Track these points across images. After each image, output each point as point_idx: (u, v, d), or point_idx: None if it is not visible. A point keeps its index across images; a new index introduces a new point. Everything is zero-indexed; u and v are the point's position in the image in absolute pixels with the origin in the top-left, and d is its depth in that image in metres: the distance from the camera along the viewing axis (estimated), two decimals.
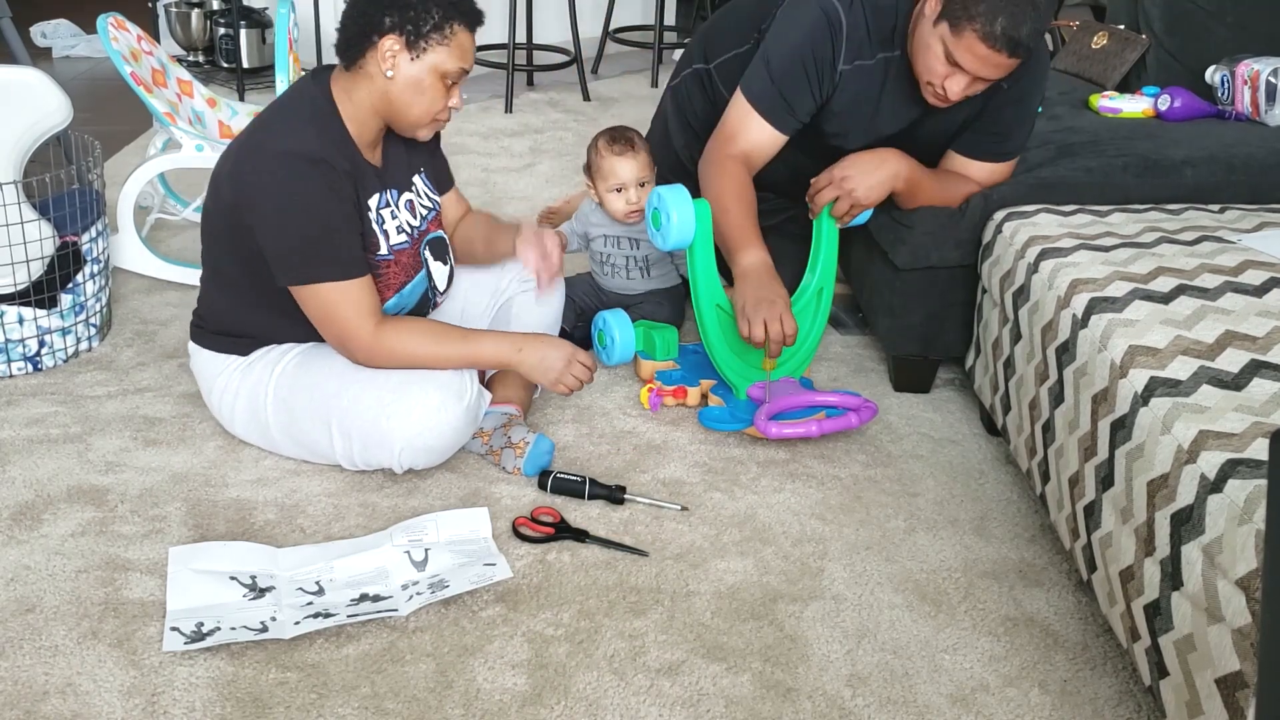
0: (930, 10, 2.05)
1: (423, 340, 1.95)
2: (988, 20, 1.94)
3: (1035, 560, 1.91)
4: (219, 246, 1.99)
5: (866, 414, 2.17)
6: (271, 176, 1.84)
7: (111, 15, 2.76)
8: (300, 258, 1.87)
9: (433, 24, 1.88)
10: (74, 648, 1.62)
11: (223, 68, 4.74)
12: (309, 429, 1.99)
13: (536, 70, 4.77)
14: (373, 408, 1.92)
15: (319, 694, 1.56)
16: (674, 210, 2.14)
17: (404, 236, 2.03)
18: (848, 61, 2.18)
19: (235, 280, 1.99)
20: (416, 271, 2.06)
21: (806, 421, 2.13)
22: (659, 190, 2.17)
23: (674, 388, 2.30)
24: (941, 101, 2.11)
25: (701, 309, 2.22)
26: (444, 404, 1.93)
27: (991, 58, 1.97)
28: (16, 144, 2.30)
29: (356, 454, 1.97)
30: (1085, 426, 1.67)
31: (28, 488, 1.98)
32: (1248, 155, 2.34)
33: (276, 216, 1.85)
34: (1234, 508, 1.28)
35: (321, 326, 1.94)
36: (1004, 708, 1.60)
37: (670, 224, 2.14)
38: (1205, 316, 1.67)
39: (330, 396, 1.95)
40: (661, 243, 2.19)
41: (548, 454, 2.06)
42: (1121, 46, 2.92)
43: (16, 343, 2.33)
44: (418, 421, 1.91)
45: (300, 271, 1.88)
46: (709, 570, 1.84)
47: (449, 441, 1.97)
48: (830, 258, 2.28)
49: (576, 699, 1.57)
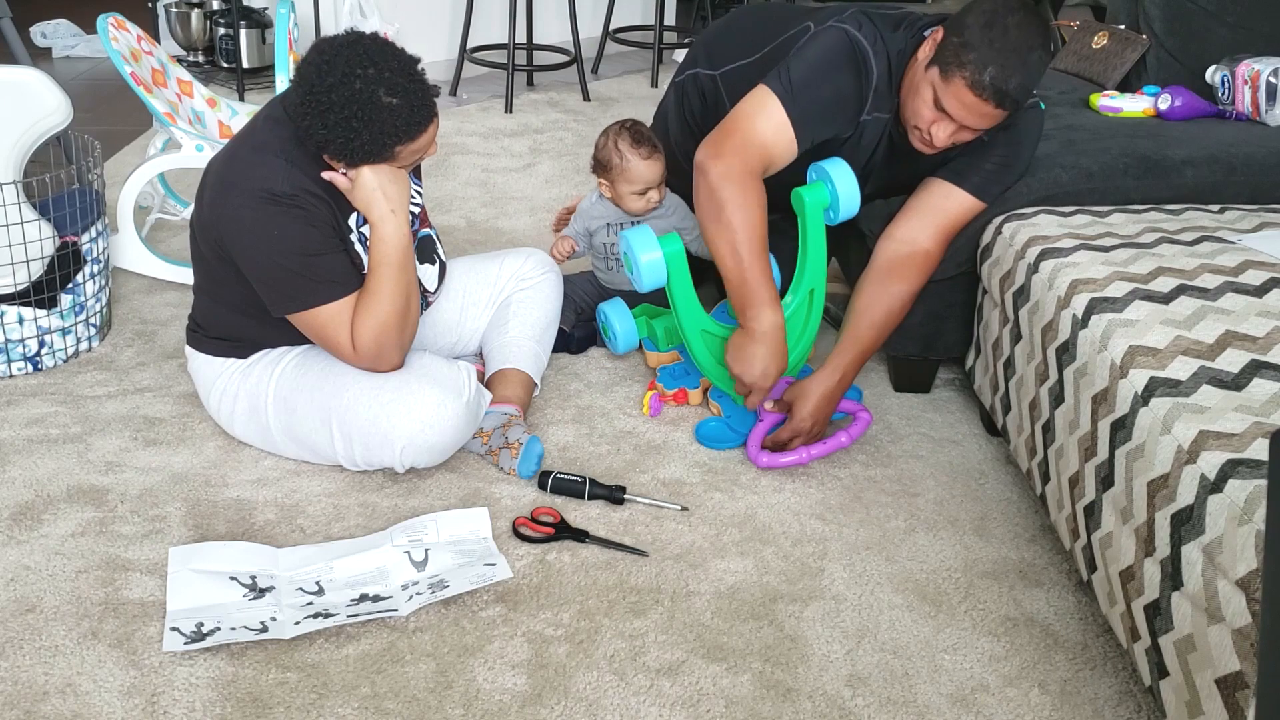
0: (924, 55, 2.05)
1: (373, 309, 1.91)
2: (977, 69, 1.94)
3: (1035, 560, 1.91)
4: (209, 260, 2.00)
5: (857, 430, 2.18)
6: (247, 216, 1.85)
7: (111, 15, 2.76)
8: (289, 289, 1.90)
9: (369, 153, 1.85)
10: (74, 648, 1.62)
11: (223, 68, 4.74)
12: (310, 429, 1.99)
13: (536, 70, 4.77)
14: (373, 407, 1.93)
15: (319, 694, 1.56)
16: (642, 255, 2.13)
17: None
18: (869, 112, 2.17)
19: (227, 290, 2.00)
20: None
21: (797, 450, 2.13)
22: (625, 234, 2.17)
23: (675, 392, 2.31)
24: (927, 147, 2.10)
25: (689, 339, 2.21)
26: (443, 401, 1.93)
27: (977, 106, 1.97)
28: (16, 144, 2.30)
29: (358, 454, 1.98)
30: (1085, 427, 1.67)
31: (28, 488, 1.98)
32: (1248, 155, 2.34)
33: (257, 254, 1.88)
34: (1234, 508, 1.28)
35: (319, 341, 1.97)
36: (1004, 708, 1.59)
37: (640, 268, 2.14)
38: (1205, 317, 1.67)
39: (330, 397, 1.96)
40: (638, 285, 2.18)
41: (538, 457, 2.06)
42: (1122, 46, 2.92)
43: (16, 343, 2.33)
44: (419, 419, 1.92)
45: (291, 302, 1.91)
46: (709, 570, 1.84)
47: (450, 439, 1.97)
48: (819, 258, 2.28)
49: (576, 699, 1.57)
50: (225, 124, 3.03)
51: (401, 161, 1.91)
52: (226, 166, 1.92)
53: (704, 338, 2.22)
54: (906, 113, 2.10)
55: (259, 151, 1.90)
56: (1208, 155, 2.34)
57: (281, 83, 2.90)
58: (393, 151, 1.87)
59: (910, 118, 2.09)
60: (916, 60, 2.07)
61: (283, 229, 1.85)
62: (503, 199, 3.45)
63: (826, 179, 2.19)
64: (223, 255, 1.93)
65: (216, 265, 1.97)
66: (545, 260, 2.35)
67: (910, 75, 2.09)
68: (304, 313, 1.91)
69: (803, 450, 2.13)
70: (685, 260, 2.19)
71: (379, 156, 1.87)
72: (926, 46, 2.06)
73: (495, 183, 3.60)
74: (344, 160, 1.87)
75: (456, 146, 3.90)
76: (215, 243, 1.92)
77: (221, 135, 2.98)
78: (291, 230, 1.86)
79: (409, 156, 1.91)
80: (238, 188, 1.87)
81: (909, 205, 2.22)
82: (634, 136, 2.43)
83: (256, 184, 1.85)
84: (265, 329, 2.02)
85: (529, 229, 3.20)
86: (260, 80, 4.58)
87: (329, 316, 1.91)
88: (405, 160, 1.91)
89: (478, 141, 4.00)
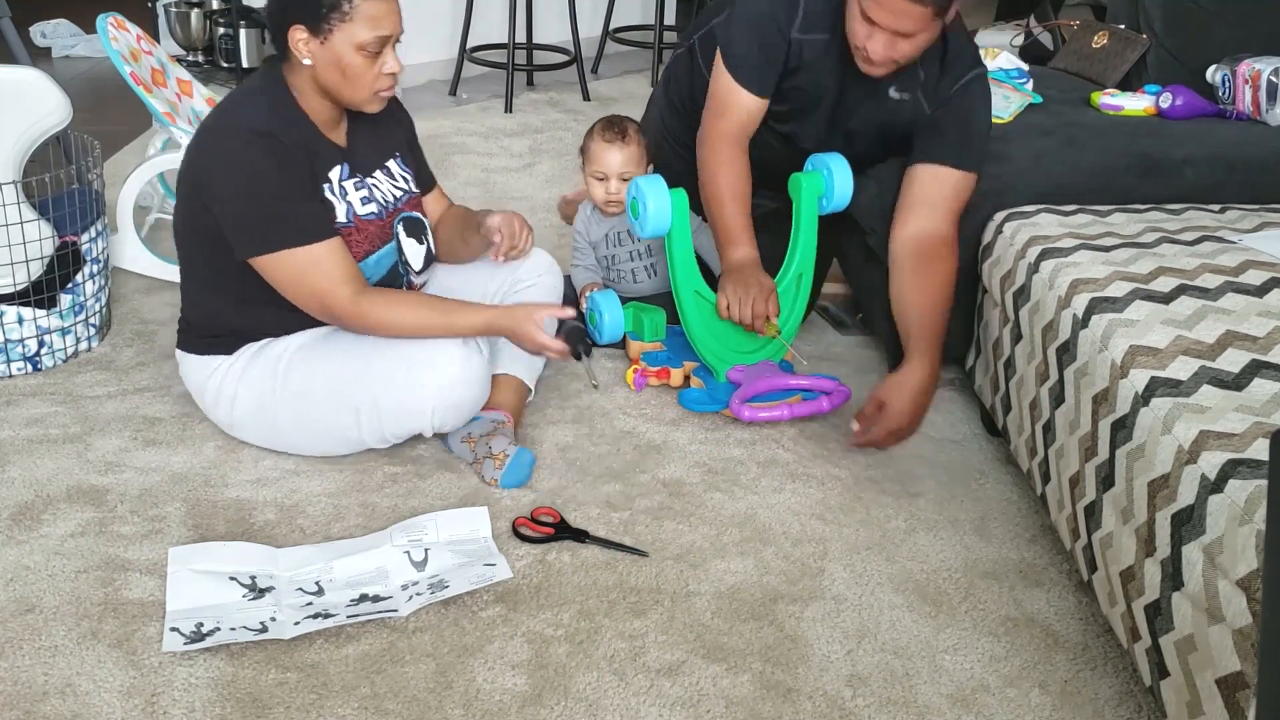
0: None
1: (405, 309, 1.98)
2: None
3: (1036, 560, 1.90)
4: (192, 242, 2.02)
5: (839, 398, 2.25)
6: (222, 151, 1.91)
7: (111, 15, 2.76)
8: (257, 227, 1.90)
9: (329, 4, 1.88)
10: (74, 648, 1.62)
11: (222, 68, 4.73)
12: (330, 415, 1.99)
13: (536, 70, 4.77)
14: (402, 372, 1.95)
15: (319, 694, 1.56)
16: (651, 200, 2.22)
17: (373, 207, 2.04)
18: (802, 30, 2.21)
19: (212, 276, 2.01)
20: (383, 244, 2.06)
21: (778, 405, 2.21)
22: (637, 180, 2.27)
23: (658, 369, 2.36)
24: (870, 67, 2.14)
25: (681, 295, 2.30)
26: (468, 357, 1.98)
27: (899, 6, 2.00)
28: (16, 144, 2.29)
29: (387, 427, 2.00)
30: (1086, 427, 1.67)
31: (28, 488, 1.98)
32: (1248, 155, 2.34)
33: (229, 189, 1.90)
34: (1234, 508, 1.28)
35: (297, 296, 1.95)
36: (1004, 708, 1.59)
37: (647, 212, 2.23)
38: (1206, 316, 1.67)
39: (355, 377, 1.97)
40: (640, 230, 2.27)
41: (527, 468, 2.04)
42: (1122, 46, 2.91)
43: (16, 343, 2.32)
44: (449, 377, 1.95)
45: (259, 242, 1.91)
46: (709, 570, 1.84)
47: (476, 394, 2.01)
48: (809, 244, 2.35)
49: (576, 699, 1.57)
50: None
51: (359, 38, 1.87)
52: (215, 113, 2.00)
53: (695, 299, 2.30)
54: (849, 39, 2.14)
55: (245, 99, 1.98)
56: (1208, 155, 2.34)
57: None
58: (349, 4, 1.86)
59: (850, 39, 2.15)
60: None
61: (255, 161, 1.88)
62: (502, 199, 3.45)
63: (824, 168, 2.29)
64: (200, 212, 1.94)
65: (196, 238, 1.99)
66: (544, 262, 2.35)
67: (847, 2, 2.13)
68: (270, 256, 1.90)
69: (784, 406, 2.21)
70: (688, 215, 2.29)
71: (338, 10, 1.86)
72: None
73: (495, 182, 3.60)
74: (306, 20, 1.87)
75: (456, 146, 3.90)
76: (192, 194, 1.94)
77: None
78: (264, 165, 1.88)
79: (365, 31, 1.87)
80: (218, 126, 1.94)
81: (905, 204, 2.24)
82: (609, 121, 2.47)
83: (237, 121, 1.92)
84: (251, 315, 2.01)
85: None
86: None
87: (300, 263, 1.90)
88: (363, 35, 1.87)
89: (477, 141, 4.00)
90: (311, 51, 1.91)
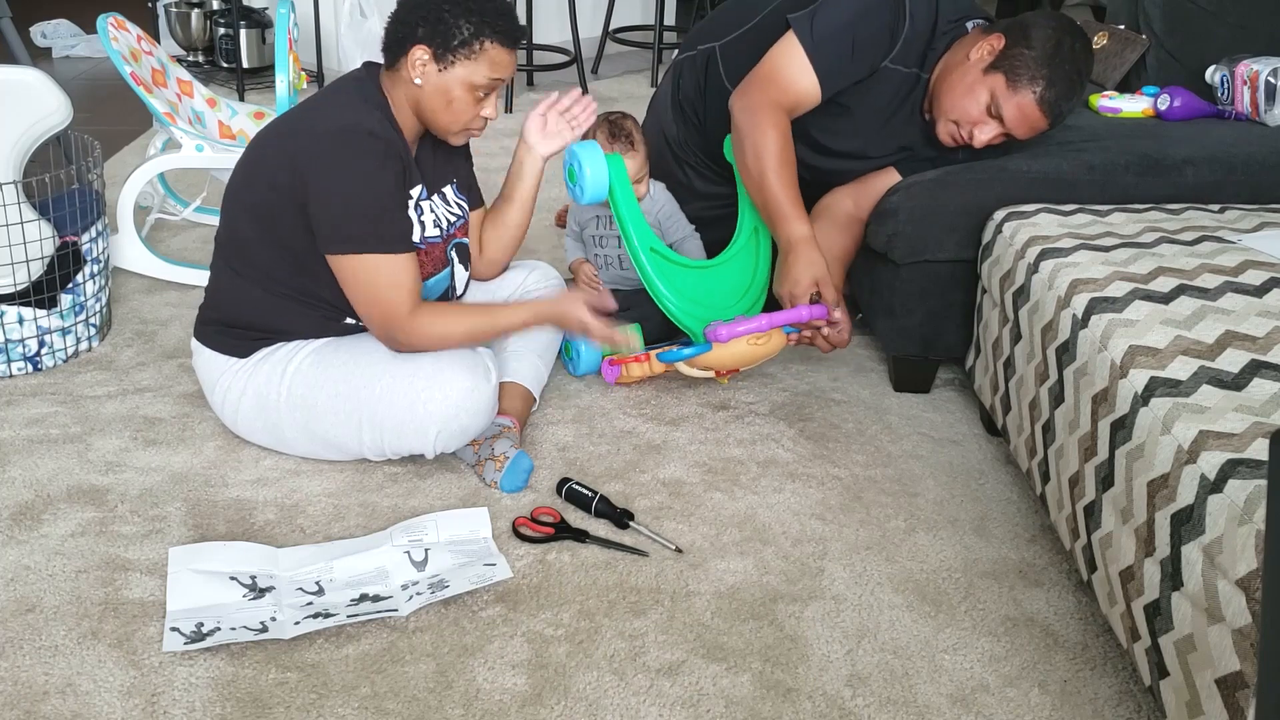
0: (981, 56, 2.08)
1: (453, 321, 2.00)
2: (1048, 86, 2.05)
3: (1035, 560, 1.91)
4: (249, 231, 1.99)
5: (819, 312, 2.20)
6: (331, 150, 1.88)
7: (111, 15, 2.76)
8: (355, 227, 1.90)
9: (461, 39, 1.91)
10: (74, 648, 1.62)
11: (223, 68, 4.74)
12: (332, 425, 1.99)
13: (536, 70, 4.77)
14: (407, 394, 1.94)
15: (319, 694, 1.56)
16: (587, 165, 2.22)
17: (437, 231, 2.06)
18: (894, 61, 2.19)
19: (261, 265, 1.99)
20: (443, 267, 2.09)
21: (757, 318, 2.18)
22: (572, 147, 2.26)
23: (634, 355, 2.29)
24: (958, 143, 2.13)
25: (638, 254, 2.27)
26: (475, 385, 1.96)
27: (1036, 121, 2.07)
28: (16, 144, 2.30)
29: (388, 444, 1.99)
30: (1085, 427, 1.67)
31: (28, 488, 1.98)
32: (1248, 155, 2.34)
33: (338, 184, 1.88)
34: (1234, 508, 1.28)
35: (362, 302, 1.95)
36: (1004, 708, 1.60)
37: (585, 178, 2.22)
38: (1205, 316, 1.67)
39: (359, 390, 1.96)
40: (579, 197, 2.27)
41: (525, 473, 2.04)
42: (1121, 46, 2.91)
43: (16, 343, 2.33)
44: (454, 404, 1.94)
45: (354, 241, 1.90)
46: (709, 570, 1.84)
47: (481, 421, 2.00)
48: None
49: (576, 699, 1.57)
50: (225, 124, 3.02)
51: (474, 79, 1.93)
52: (310, 113, 1.96)
53: (653, 258, 2.29)
54: (945, 105, 2.13)
55: (345, 100, 1.96)
56: (1208, 155, 2.34)
57: (281, 83, 2.90)
58: (481, 44, 1.91)
59: (950, 111, 2.12)
60: (968, 59, 2.09)
61: (365, 163, 1.88)
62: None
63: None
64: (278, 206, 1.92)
65: (257, 227, 1.96)
66: (550, 273, 2.36)
67: (958, 71, 2.10)
68: (357, 257, 1.90)
69: (763, 317, 2.18)
70: (628, 177, 2.29)
71: (468, 46, 1.90)
72: (983, 50, 2.08)
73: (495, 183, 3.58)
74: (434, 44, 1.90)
75: None
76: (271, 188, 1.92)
77: (221, 135, 2.98)
78: (373, 168, 1.88)
79: (482, 74, 1.93)
80: (321, 127, 1.90)
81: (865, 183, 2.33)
82: (612, 129, 2.45)
83: (345, 121, 1.89)
84: (284, 311, 2.00)
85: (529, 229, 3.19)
86: (260, 80, 4.58)
87: (382, 271, 1.91)
88: (478, 78, 1.93)
89: (478, 141, 3.98)
90: (426, 75, 1.93)
